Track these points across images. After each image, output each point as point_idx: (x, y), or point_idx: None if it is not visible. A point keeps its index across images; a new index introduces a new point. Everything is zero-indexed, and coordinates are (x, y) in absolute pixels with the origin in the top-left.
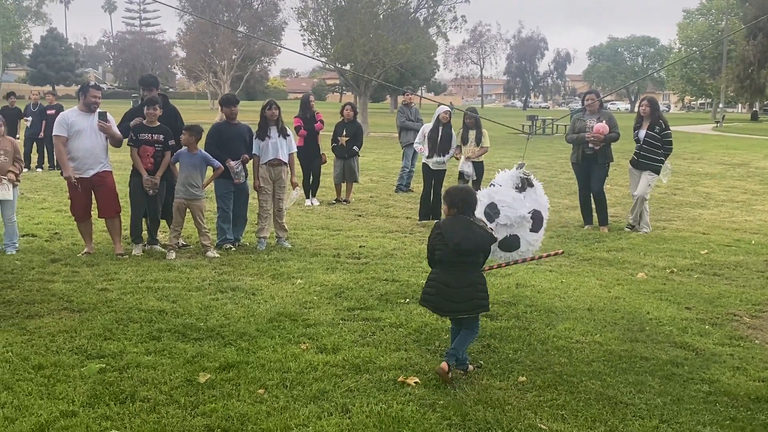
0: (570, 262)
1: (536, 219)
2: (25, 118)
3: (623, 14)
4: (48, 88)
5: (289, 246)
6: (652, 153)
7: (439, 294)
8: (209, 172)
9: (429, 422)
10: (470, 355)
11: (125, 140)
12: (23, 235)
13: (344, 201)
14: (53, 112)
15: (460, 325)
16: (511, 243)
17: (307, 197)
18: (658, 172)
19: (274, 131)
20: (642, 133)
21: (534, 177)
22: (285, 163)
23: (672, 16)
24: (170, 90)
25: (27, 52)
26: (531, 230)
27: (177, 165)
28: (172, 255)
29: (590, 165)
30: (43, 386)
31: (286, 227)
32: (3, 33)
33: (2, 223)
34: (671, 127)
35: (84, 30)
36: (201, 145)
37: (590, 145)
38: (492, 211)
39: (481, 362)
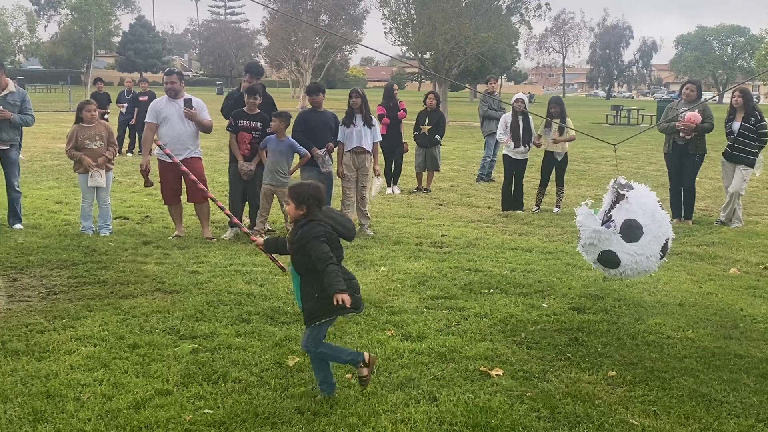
0: None
1: (628, 228)
2: (119, 104)
3: (712, 2)
4: (136, 74)
5: (372, 233)
6: (747, 145)
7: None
8: (295, 159)
9: (517, 413)
10: (557, 349)
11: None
12: (116, 218)
13: (425, 190)
14: (146, 98)
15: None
16: (609, 259)
17: (389, 185)
18: (752, 166)
19: (359, 119)
20: (736, 125)
21: (630, 183)
22: (369, 152)
23: (764, 5)
24: (245, 78)
25: (116, 40)
26: (627, 241)
27: (265, 151)
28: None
29: (682, 157)
30: (138, 365)
31: (369, 215)
32: (95, 20)
33: (97, 205)
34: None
35: (171, 18)
36: (288, 132)
37: (681, 134)
38: (579, 234)
39: (570, 355)
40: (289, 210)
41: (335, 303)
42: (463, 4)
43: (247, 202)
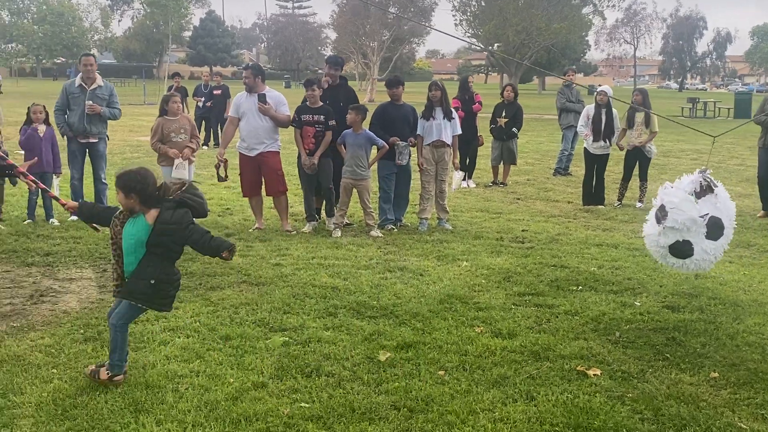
0: (750, 254)
1: (713, 226)
2: (195, 97)
3: None
4: (206, 68)
5: (450, 228)
6: None
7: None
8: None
9: (619, 415)
10: (654, 348)
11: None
12: None
13: (501, 183)
14: (219, 92)
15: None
16: (682, 249)
17: (464, 179)
18: None
19: (439, 112)
20: None
21: (717, 183)
22: (448, 145)
23: None
24: (318, 71)
25: (186, 34)
26: (707, 237)
27: (343, 146)
28: (338, 233)
29: None
30: (232, 357)
31: (448, 209)
32: (172, 15)
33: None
34: None
35: (239, 12)
36: (365, 125)
37: None
38: (661, 213)
39: (668, 355)
40: (119, 199)
41: (226, 259)
42: None
43: (320, 196)
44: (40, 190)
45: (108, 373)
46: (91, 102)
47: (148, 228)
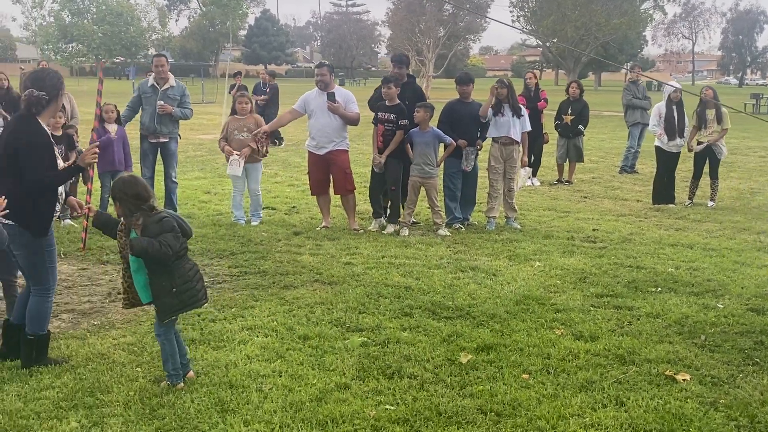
0: None
1: None
2: (255, 96)
3: None
4: (261, 66)
5: (519, 227)
6: None
7: (203, 283)
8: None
9: (714, 423)
10: (742, 352)
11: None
12: (264, 208)
13: (566, 182)
14: (267, 90)
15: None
16: None
17: (528, 177)
18: None
19: (507, 109)
20: None
21: None
22: (517, 143)
23: None
24: (372, 69)
25: (242, 33)
26: None
27: (410, 145)
28: (406, 232)
29: None
30: (312, 357)
31: (516, 207)
32: (232, 14)
33: (248, 195)
34: None
35: (294, 11)
36: (433, 122)
37: None
38: None
39: (758, 360)
40: (116, 208)
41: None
42: None
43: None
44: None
45: (168, 384)
46: (162, 102)
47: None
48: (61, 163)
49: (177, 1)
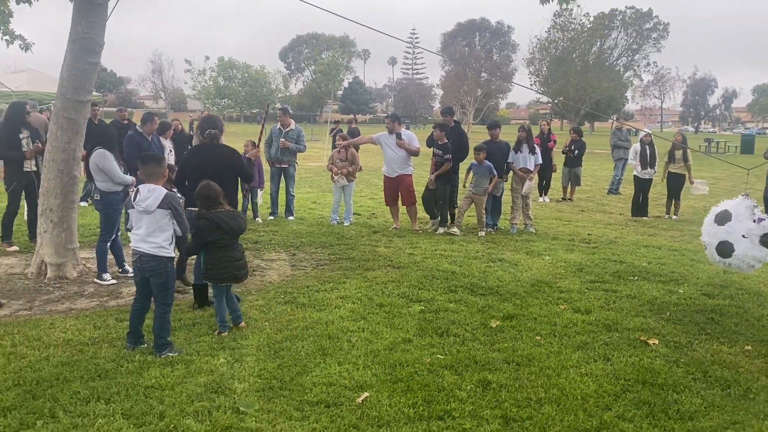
0: None
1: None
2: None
3: None
4: (351, 116)
5: (534, 231)
6: None
7: (233, 268)
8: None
9: (676, 375)
10: (697, 325)
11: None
12: (353, 214)
13: (569, 199)
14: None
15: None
16: (725, 250)
17: (540, 196)
18: None
19: (525, 148)
20: None
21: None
22: (530, 171)
23: None
24: (429, 117)
25: (339, 93)
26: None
27: (470, 173)
28: (457, 231)
29: None
30: (385, 318)
31: (532, 217)
32: (332, 80)
33: (344, 203)
34: None
35: (375, 77)
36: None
37: None
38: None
39: (709, 331)
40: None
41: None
42: (591, 63)
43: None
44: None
45: (217, 332)
46: (283, 140)
47: None
48: None
49: (296, 70)
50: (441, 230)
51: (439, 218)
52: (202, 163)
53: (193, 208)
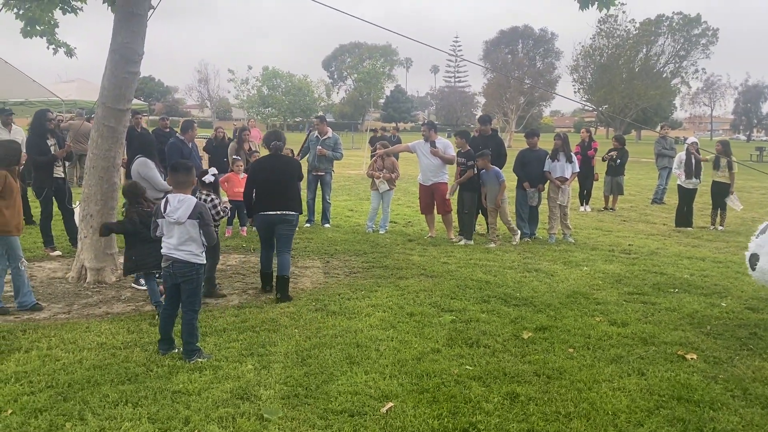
0: None
1: None
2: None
3: None
4: (393, 124)
5: (573, 241)
6: None
7: (157, 258)
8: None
9: (714, 392)
10: (739, 340)
11: None
12: (389, 222)
13: (611, 209)
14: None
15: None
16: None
17: (581, 205)
18: None
19: (562, 156)
20: None
21: None
22: (566, 179)
23: None
24: (471, 126)
25: (381, 101)
26: None
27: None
28: (492, 245)
29: None
30: (415, 328)
31: (570, 226)
32: (372, 89)
33: (381, 212)
34: None
35: (417, 86)
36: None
37: None
38: None
39: (751, 347)
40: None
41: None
42: (636, 70)
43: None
44: None
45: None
46: (320, 147)
47: None
48: None
49: (338, 79)
50: (463, 242)
51: (463, 229)
52: (268, 169)
53: (267, 212)
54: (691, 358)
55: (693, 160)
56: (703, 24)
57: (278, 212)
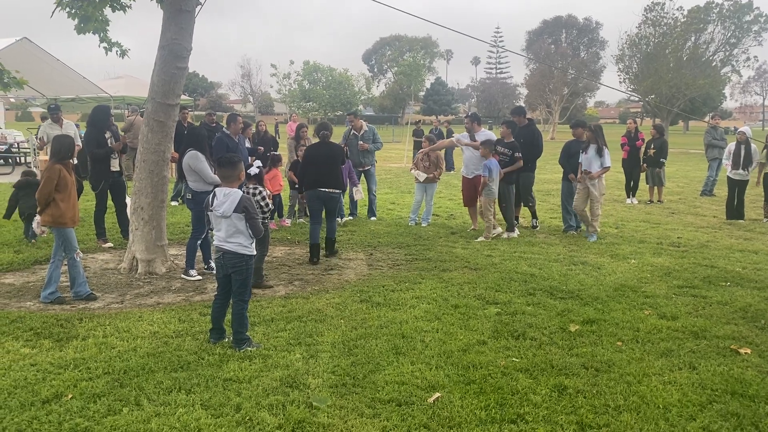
0: None
1: None
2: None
3: None
4: (434, 117)
5: (595, 239)
6: None
7: None
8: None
9: None
10: None
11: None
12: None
13: (658, 201)
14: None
15: None
16: None
17: (628, 197)
18: None
19: (591, 149)
20: None
21: None
22: (590, 173)
23: None
24: (513, 118)
25: (421, 94)
26: None
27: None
28: (506, 235)
29: None
30: (460, 320)
31: (597, 227)
32: (412, 82)
33: (424, 204)
34: None
35: (458, 78)
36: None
37: None
38: None
39: None
40: None
41: None
42: (684, 59)
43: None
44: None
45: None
46: (361, 142)
47: None
48: None
49: (378, 73)
50: (506, 234)
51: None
52: (319, 155)
53: (319, 188)
54: (745, 353)
55: (742, 151)
56: (756, 10)
57: (327, 189)
